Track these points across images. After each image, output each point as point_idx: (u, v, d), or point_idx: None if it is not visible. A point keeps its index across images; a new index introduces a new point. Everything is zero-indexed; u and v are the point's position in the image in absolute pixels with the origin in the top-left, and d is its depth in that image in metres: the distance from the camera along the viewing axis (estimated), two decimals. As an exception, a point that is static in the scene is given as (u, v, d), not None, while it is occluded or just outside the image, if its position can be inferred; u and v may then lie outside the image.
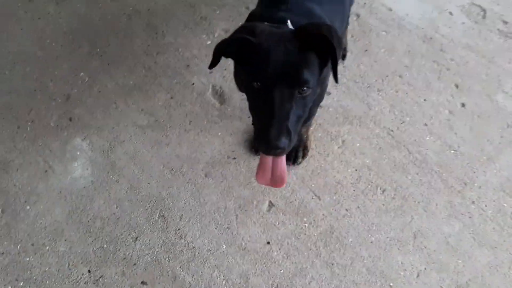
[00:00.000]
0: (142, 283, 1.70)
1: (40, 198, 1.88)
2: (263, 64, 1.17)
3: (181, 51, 2.37)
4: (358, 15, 2.48)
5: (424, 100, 2.15)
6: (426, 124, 2.07)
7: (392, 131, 2.06)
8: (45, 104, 2.14)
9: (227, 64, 2.25)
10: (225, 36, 2.42)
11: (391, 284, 1.70)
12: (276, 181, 1.39)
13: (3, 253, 1.77)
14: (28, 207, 1.87)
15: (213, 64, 1.26)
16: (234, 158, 2.00)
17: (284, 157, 1.37)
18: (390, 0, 2.56)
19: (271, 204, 1.88)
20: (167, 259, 1.75)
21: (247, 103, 1.34)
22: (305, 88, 1.20)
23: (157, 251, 1.77)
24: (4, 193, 1.90)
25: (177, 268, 1.73)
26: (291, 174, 1.93)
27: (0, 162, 1.97)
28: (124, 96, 2.18)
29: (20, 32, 2.43)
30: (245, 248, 1.78)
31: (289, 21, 1.36)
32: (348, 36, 2.38)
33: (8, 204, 1.87)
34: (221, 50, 1.23)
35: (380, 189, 1.91)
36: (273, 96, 1.17)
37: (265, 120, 1.17)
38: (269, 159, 1.37)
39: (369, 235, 1.80)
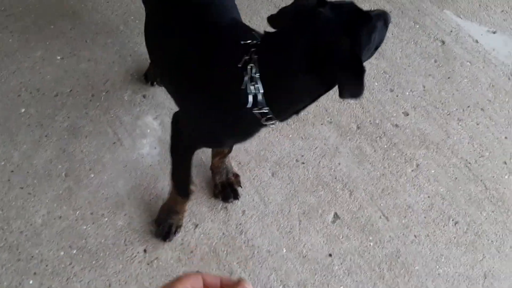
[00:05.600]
0: (197, 272, 1.64)
1: (105, 168, 1.86)
2: None
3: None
4: (443, 42, 2.42)
5: (505, 137, 2.06)
6: (505, 163, 1.98)
7: (469, 163, 1.97)
8: (122, 77, 2.13)
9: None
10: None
11: (456, 321, 1.61)
12: None
13: (60, 217, 1.74)
14: (92, 175, 1.84)
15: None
16: (303, 163, 1.94)
17: None
18: (477, 32, 2.50)
19: (336, 216, 1.81)
20: (225, 252, 1.69)
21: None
22: None
23: (216, 242, 1.71)
24: (71, 157, 1.88)
25: (235, 263, 1.67)
26: (361, 190, 1.87)
27: (70, 127, 1.96)
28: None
29: (105, 5, 2.44)
30: (305, 256, 1.71)
31: None
32: (431, 61, 2.32)
33: (73, 169, 1.85)
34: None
35: (453, 220, 1.82)
36: None
37: None
38: None
39: (437, 267, 1.71)
